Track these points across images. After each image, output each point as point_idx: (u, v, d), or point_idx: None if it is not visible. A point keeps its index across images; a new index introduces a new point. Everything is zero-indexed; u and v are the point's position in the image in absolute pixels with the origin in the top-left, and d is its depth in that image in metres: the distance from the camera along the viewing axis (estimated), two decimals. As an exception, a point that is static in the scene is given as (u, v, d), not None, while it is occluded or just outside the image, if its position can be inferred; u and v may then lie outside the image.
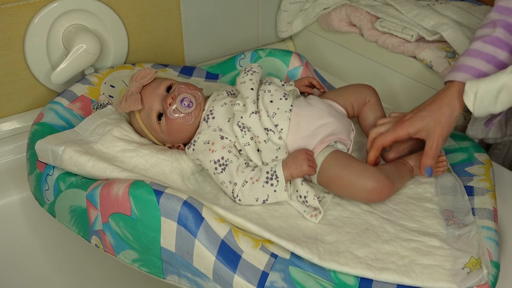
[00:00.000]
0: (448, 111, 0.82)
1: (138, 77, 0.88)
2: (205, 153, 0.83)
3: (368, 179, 0.80)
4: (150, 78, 0.87)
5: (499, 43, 0.84)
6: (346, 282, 0.71)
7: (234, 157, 0.83)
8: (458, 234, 0.77)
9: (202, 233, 0.69)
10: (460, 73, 0.83)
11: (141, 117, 0.87)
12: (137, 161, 0.83)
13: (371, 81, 1.23)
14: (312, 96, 0.93)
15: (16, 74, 1.03)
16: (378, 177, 0.80)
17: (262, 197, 0.81)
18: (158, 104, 0.86)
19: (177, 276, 0.73)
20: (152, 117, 0.86)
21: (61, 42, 1.04)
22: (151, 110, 0.86)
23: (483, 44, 0.84)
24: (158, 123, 0.87)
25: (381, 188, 0.80)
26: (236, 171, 0.82)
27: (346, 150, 0.89)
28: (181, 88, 0.86)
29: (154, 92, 0.87)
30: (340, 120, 0.88)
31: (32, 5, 0.99)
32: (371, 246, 0.75)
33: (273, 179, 0.80)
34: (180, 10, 1.19)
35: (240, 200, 0.81)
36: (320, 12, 1.30)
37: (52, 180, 0.81)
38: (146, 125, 0.88)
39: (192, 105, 0.85)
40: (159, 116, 0.87)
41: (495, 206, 0.82)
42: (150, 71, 0.88)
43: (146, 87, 0.88)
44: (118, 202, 0.72)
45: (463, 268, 0.70)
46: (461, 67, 0.84)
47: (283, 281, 0.69)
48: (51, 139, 0.82)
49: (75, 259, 1.06)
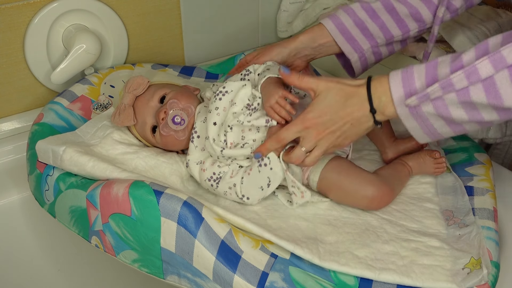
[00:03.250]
0: None
1: (130, 88, 0.86)
2: (199, 174, 0.83)
3: (368, 188, 0.80)
4: (142, 89, 0.86)
5: (372, 14, 0.89)
6: (346, 282, 0.71)
7: (225, 167, 0.82)
8: (458, 234, 0.77)
9: (202, 234, 0.69)
10: (329, 21, 0.90)
11: (136, 129, 0.88)
12: (137, 163, 0.83)
13: (371, 81, 1.23)
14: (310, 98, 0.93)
15: (16, 74, 1.03)
16: (379, 186, 0.81)
17: (264, 182, 0.79)
18: (152, 118, 0.85)
19: (177, 276, 0.73)
20: (147, 130, 0.86)
21: (61, 42, 1.04)
22: (145, 124, 0.86)
23: (360, 7, 0.90)
24: (153, 135, 0.86)
25: (382, 195, 0.81)
26: (231, 176, 0.81)
27: (346, 156, 0.88)
28: (173, 103, 0.84)
29: (147, 105, 0.86)
30: None
31: (32, 5, 0.99)
32: (371, 246, 0.75)
33: (264, 159, 0.79)
34: (180, 10, 1.19)
35: (248, 198, 0.80)
36: (320, 12, 1.30)
37: (52, 180, 0.81)
38: (142, 136, 0.88)
39: (184, 123, 0.84)
40: (153, 129, 0.86)
41: (495, 206, 0.82)
42: (143, 80, 0.87)
43: (139, 98, 0.87)
44: (118, 202, 0.72)
45: (463, 269, 0.70)
46: (333, 17, 0.90)
47: (283, 281, 0.69)
48: (52, 140, 0.82)
49: (75, 259, 1.06)
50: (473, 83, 0.63)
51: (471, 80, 0.63)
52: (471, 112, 0.65)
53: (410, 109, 0.68)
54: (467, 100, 0.64)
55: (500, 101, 0.63)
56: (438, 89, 0.65)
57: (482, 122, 0.67)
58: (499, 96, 0.62)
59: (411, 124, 0.70)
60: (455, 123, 0.68)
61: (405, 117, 0.69)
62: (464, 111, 0.66)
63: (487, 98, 0.63)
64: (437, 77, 0.66)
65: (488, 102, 0.63)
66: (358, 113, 0.72)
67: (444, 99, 0.65)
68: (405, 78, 0.68)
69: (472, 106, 0.65)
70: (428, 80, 0.67)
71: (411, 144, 0.92)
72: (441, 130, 0.70)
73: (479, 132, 1.00)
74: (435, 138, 0.72)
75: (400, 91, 0.68)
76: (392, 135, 0.94)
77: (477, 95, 0.63)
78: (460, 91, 0.64)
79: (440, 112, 0.67)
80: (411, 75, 0.68)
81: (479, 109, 0.65)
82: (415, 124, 0.70)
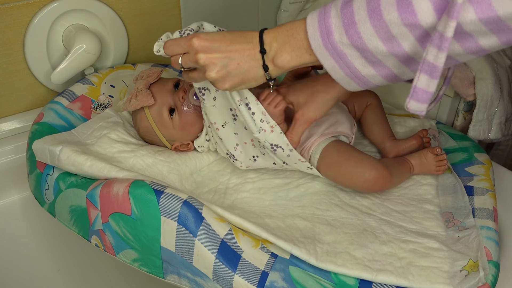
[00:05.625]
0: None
1: (144, 75, 0.89)
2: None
3: (366, 167, 0.81)
4: (157, 76, 0.88)
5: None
6: (346, 282, 0.71)
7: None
8: (457, 236, 0.77)
9: (202, 233, 0.69)
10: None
11: (151, 114, 0.87)
12: (135, 162, 0.83)
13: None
14: None
15: (16, 74, 1.03)
16: (377, 166, 0.81)
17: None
18: (170, 99, 0.87)
19: (177, 275, 0.73)
20: (164, 112, 0.86)
21: (61, 42, 1.04)
22: (163, 105, 0.87)
23: None
24: (170, 118, 0.87)
25: (378, 177, 0.81)
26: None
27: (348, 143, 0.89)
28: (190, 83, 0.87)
29: (163, 88, 0.88)
30: (343, 112, 0.89)
31: (32, 5, 0.99)
32: (369, 247, 0.75)
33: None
34: (180, 10, 1.19)
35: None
36: (320, 12, 1.30)
37: (52, 180, 0.81)
38: (157, 122, 0.88)
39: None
40: (171, 112, 0.87)
41: (495, 206, 0.82)
42: (156, 69, 0.89)
43: (154, 84, 0.88)
44: (118, 201, 0.72)
45: (461, 271, 0.70)
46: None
47: (283, 281, 0.69)
48: (48, 139, 0.82)
49: (75, 259, 1.06)
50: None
51: None
52: (388, 42, 0.58)
53: (323, 39, 0.61)
54: (382, 24, 0.57)
55: (415, 16, 0.55)
56: (350, 13, 0.58)
57: (405, 57, 0.59)
58: (412, 9, 0.55)
59: (328, 62, 0.63)
60: (375, 58, 0.60)
61: (320, 53, 0.63)
62: (380, 40, 0.58)
63: (399, 13, 0.55)
64: (352, 2, 0.59)
65: (402, 19, 0.55)
66: (248, 52, 0.67)
67: (356, 22, 0.58)
68: (321, 14, 0.62)
69: (387, 31, 0.57)
70: (342, 9, 0.60)
71: (411, 144, 0.92)
72: (363, 70, 0.62)
73: (480, 133, 1.00)
74: (363, 84, 0.64)
75: (315, 25, 0.62)
76: (391, 135, 0.94)
77: (388, 11, 0.56)
78: (372, 13, 0.57)
79: (354, 42, 0.59)
80: (328, 9, 0.62)
81: (397, 37, 0.57)
82: (333, 63, 0.63)
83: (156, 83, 0.88)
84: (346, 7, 0.60)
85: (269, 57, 0.67)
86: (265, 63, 0.68)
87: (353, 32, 0.59)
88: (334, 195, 0.85)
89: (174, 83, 0.89)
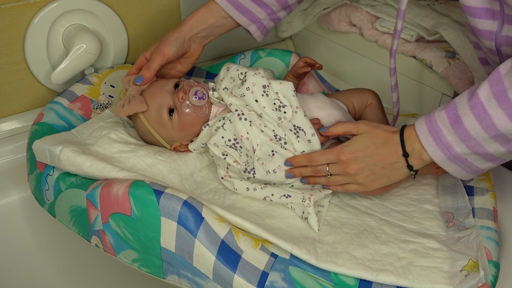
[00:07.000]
0: None
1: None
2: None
3: None
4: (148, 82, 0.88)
5: None
6: (346, 282, 0.71)
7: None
8: (457, 236, 0.77)
9: (202, 233, 0.69)
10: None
11: (146, 117, 0.87)
12: (135, 162, 0.83)
13: (371, 80, 1.23)
14: (315, 92, 0.94)
15: (16, 74, 1.03)
16: None
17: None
18: (169, 100, 0.86)
19: (177, 276, 0.73)
20: (163, 113, 0.86)
21: (61, 42, 1.04)
22: (162, 106, 0.86)
23: None
24: (169, 118, 0.87)
25: None
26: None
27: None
28: (191, 83, 0.87)
29: (163, 89, 0.87)
30: (343, 113, 0.89)
31: (32, 5, 0.99)
32: (369, 247, 0.75)
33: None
34: (180, 10, 1.19)
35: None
36: (320, 12, 1.30)
37: (52, 180, 0.81)
38: (155, 123, 0.87)
39: (205, 97, 0.85)
40: (170, 112, 0.87)
41: (495, 206, 0.82)
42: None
43: (153, 84, 0.88)
44: (118, 202, 0.72)
45: (461, 271, 0.70)
46: None
47: (283, 281, 0.69)
48: (48, 140, 0.82)
49: (75, 259, 1.06)
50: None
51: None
52: (506, 144, 0.67)
53: (445, 154, 0.71)
54: (498, 134, 0.66)
55: None
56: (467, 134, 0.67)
57: None
58: None
59: (451, 167, 0.72)
60: (494, 157, 0.70)
61: (444, 164, 0.72)
62: (499, 144, 0.67)
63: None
64: (462, 121, 0.68)
65: None
66: (391, 158, 0.75)
67: (474, 137, 0.67)
68: (432, 131, 0.71)
69: (504, 137, 0.66)
70: (455, 128, 0.69)
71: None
72: (483, 166, 0.72)
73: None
74: (481, 173, 0.73)
75: (431, 143, 0.71)
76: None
77: (504, 126, 0.65)
78: (487, 129, 0.66)
79: (475, 151, 0.69)
80: (437, 126, 0.71)
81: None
82: (455, 167, 0.72)
83: (156, 83, 0.88)
84: (458, 126, 0.69)
85: (412, 158, 0.74)
86: (409, 163, 0.75)
87: (473, 144, 0.68)
88: (334, 195, 0.85)
89: (174, 84, 0.88)
